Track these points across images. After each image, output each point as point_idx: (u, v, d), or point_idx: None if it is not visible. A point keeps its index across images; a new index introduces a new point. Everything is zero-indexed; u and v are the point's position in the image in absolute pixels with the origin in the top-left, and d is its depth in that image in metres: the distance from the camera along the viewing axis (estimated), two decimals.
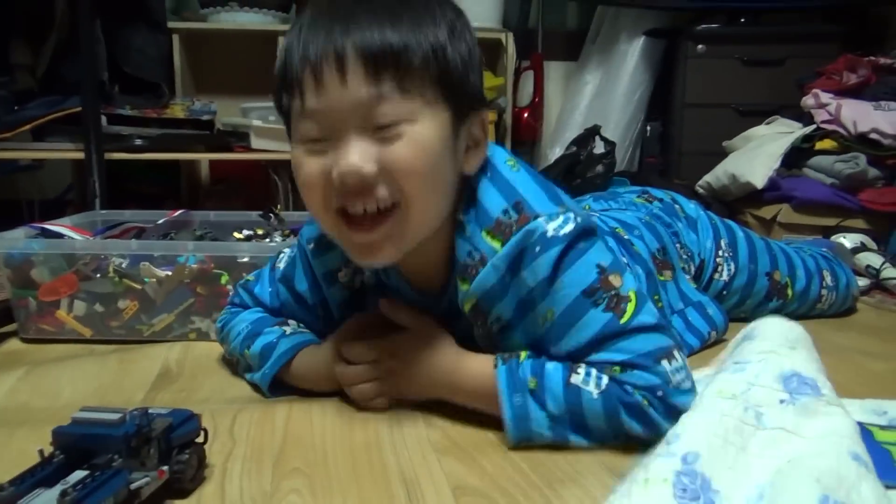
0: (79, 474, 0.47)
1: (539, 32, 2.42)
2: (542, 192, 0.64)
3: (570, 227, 0.61)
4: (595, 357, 0.61)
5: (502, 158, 0.67)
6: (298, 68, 0.58)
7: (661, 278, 0.88)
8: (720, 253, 1.00)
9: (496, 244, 0.62)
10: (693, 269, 0.97)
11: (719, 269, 1.00)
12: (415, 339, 0.68)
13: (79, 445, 0.49)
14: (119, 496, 0.46)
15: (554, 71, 2.50)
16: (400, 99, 0.57)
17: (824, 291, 1.07)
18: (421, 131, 0.58)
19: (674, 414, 0.56)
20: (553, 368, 0.61)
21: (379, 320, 0.70)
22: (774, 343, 0.59)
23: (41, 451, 0.49)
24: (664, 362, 0.59)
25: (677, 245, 0.95)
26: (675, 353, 0.60)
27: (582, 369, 0.60)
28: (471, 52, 0.62)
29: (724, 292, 1.00)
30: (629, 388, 0.59)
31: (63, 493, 0.43)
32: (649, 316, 0.61)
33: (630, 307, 0.61)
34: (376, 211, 0.59)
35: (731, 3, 2.13)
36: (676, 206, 1.02)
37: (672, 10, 2.25)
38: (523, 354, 0.64)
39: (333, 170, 0.58)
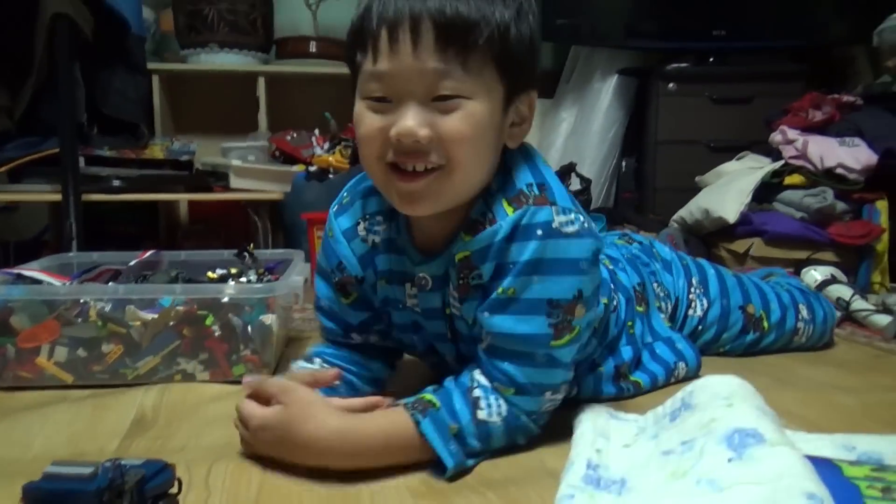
0: None
1: None
2: (566, 192, 0.70)
3: (574, 228, 0.66)
4: (503, 366, 0.67)
5: (539, 156, 0.73)
6: (376, 27, 0.62)
7: (638, 309, 0.92)
8: (692, 290, 1.03)
9: (510, 210, 0.67)
10: (669, 307, 1.01)
11: (692, 304, 1.03)
12: (292, 411, 0.65)
13: (50, 502, 0.49)
14: None
15: None
16: (462, 74, 0.62)
17: (801, 324, 1.09)
18: (475, 107, 0.63)
19: (543, 426, 0.71)
20: (459, 406, 0.66)
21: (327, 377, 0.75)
22: (712, 409, 0.62)
23: None
24: (548, 393, 0.69)
25: (654, 284, 0.99)
26: (562, 388, 0.71)
27: (482, 399, 0.67)
28: (532, 34, 0.66)
29: (700, 327, 1.04)
30: (518, 411, 0.68)
31: None
32: (569, 354, 0.69)
33: (567, 338, 0.68)
34: (424, 169, 0.64)
35: (699, 43, 2.20)
36: (654, 250, 1.06)
37: (643, 51, 2.32)
38: (431, 399, 0.67)
39: (392, 129, 0.63)
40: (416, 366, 0.91)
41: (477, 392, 0.68)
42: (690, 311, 1.03)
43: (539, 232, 0.65)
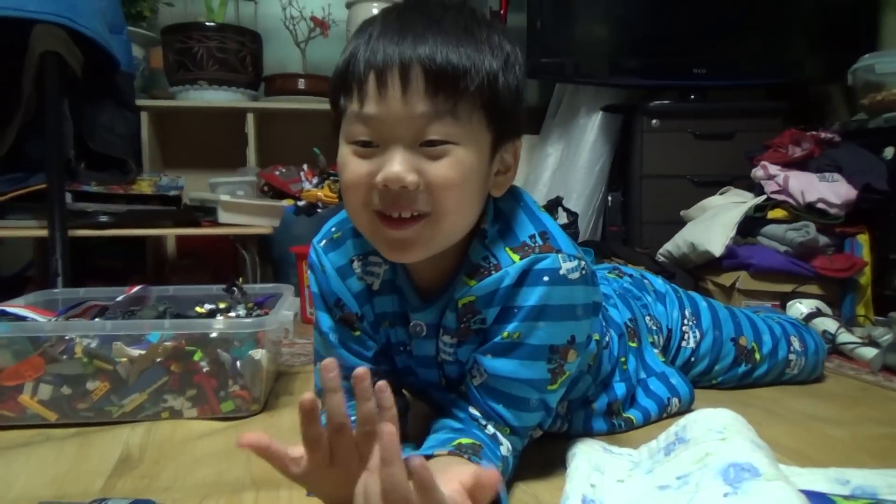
0: None
1: None
2: (566, 238, 0.70)
3: (577, 275, 0.67)
4: (498, 408, 0.68)
5: (531, 199, 0.74)
6: (363, 71, 0.62)
7: (631, 344, 0.92)
8: (685, 322, 1.04)
9: (515, 258, 0.67)
10: (662, 339, 1.01)
11: (685, 336, 1.04)
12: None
13: None
14: None
15: None
16: (451, 120, 0.61)
17: (792, 356, 1.10)
18: (464, 153, 0.63)
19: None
20: (492, 447, 0.66)
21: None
22: (706, 444, 0.63)
23: None
24: (532, 432, 0.73)
25: (647, 317, 0.99)
26: (545, 425, 0.77)
27: (498, 436, 0.68)
28: (518, 85, 0.67)
29: (693, 359, 1.04)
30: (514, 450, 0.70)
31: None
32: (557, 398, 0.72)
33: (559, 381, 0.70)
34: (410, 216, 0.63)
35: (680, 80, 2.25)
36: (645, 281, 1.07)
37: (626, 88, 2.37)
38: (471, 441, 0.64)
39: (379, 175, 0.61)
40: None
41: (490, 429, 0.68)
42: (683, 343, 1.03)
43: (546, 278, 0.66)
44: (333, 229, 0.78)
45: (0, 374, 0.90)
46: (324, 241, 0.78)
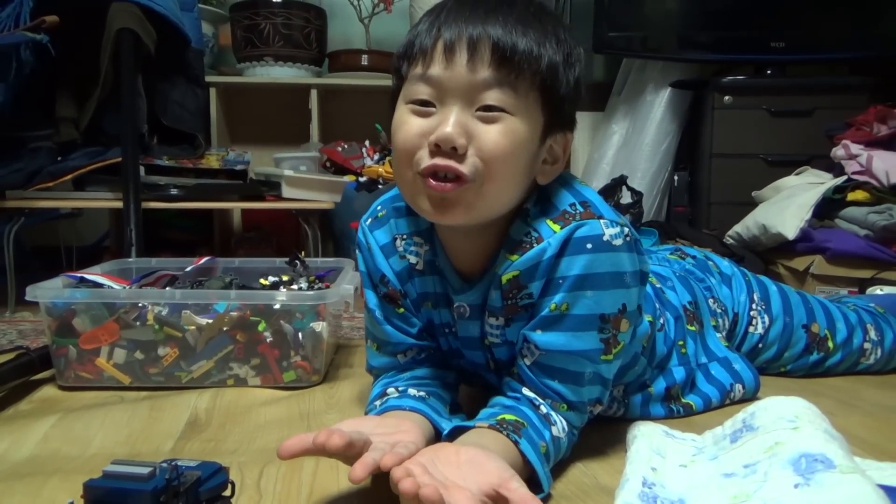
0: None
1: None
2: (608, 207, 0.70)
3: (621, 241, 0.66)
4: (553, 384, 0.67)
5: (573, 177, 0.74)
6: (431, 42, 0.64)
7: (690, 328, 0.89)
8: (753, 306, 1.00)
9: (556, 228, 0.67)
10: (727, 323, 0.97)
11: (753, 322, 1.00)
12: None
13: (109, 500, 0.50)
14: None
15: (581, 121, 2.48)
16: (510, 90, 0.63)
17: (868, 345, 1.04)
18: (516, 123, 0.64)
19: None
20: (541, 425, 0.65)
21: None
22: (776, 432, 0.60)
23: None
24: (593, 406, 0.71)
25: (710, 300, 0.96)
26: (604, 400, 0.72)
27: (551, 415, 0.67)
28: (577, 82, 0.68)
29: (760, 345, 1.00)
30: (572, 427, 0.69)
31: None
32: (613, 369, 0.70)
33: (615, 351, 0.68)
34: (455, 178, 0.63)
35: (756, 55, 2.14)
36: (710, 263, 1.03)
37: (697, 63, 2.27)
38: (515, 417, 0.64)
39: (433, 135, 0.63)
40: None
41: (543, 409, 0.67)
42: (751, 328, 0.99)
43: (589, 245, 0.65)
44: (379, 207, 0.79)
45: (79, 338, 0.95)
46: (370, 220, 0.79)
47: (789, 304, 1.01)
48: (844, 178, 1.68)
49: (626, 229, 0.67)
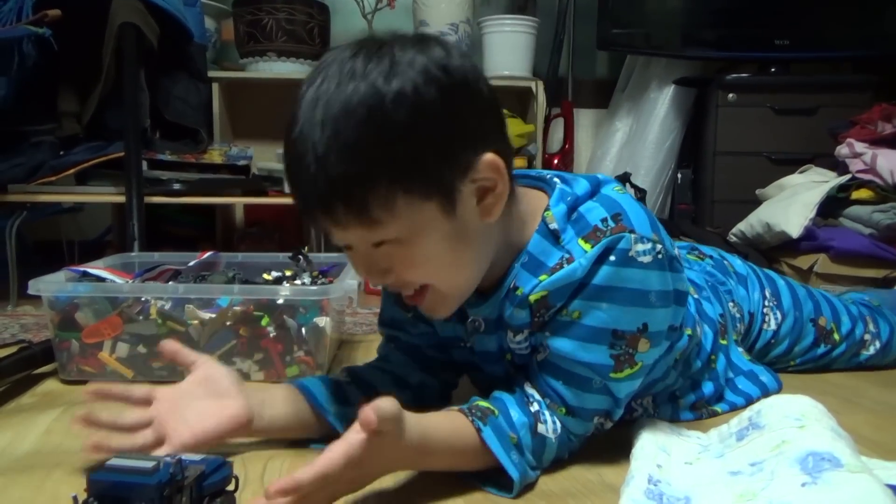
0: None
1: (569, 81, 2.45)
2: (644, 215, 0.66)
3: (649, 258, 0.63)
4: (556, 385, 0.66)
5: (610, 185, 0.69)
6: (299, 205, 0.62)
7: (722, 342, 0.88)
8: (766, 303, 0.99)
9: (587, 247, 0.63)
10: (743, 326, 0.97)
11: (766, 318, 0.99)
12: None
13: (112, 493, 0.49)
14: None
15: (584, 118, 2.53)
16: (379, 227, 0.58)
17: (867, 336, 1.05)
18: (411, 246, 0.60)
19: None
20: (517, 416, 0.64)
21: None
22: (782, 431, 0.60)
23: (75, 498, 0.49)
24: (597, 418, 0.67)
25: (730, 304, 0.94)
26: (613, 415, 0.68)
27: (541, 413, 0.65)
28: (443, 128, 0.58)
29: (773, 341, 1.00)
30: (569, 433, 0.66)
31: None
32: (626, 389, 0.66)
33: (627, 372, 0.65)
34: (414, 292, 0.64)
35: (760, 52, 2.14)
36: (726, 263, 1.01)
37: (701, 60, 2.27)
38: (488, 405, 0.64)
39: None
40: None
41: (535, 406, 0.66)
42: (765, 326, 0.99)
43: (612, 258, 0.62)
44: None
45: (82, 332, 0.95)
46: None
47: (797, 298, 1.01)
48: (849, 176, 1.68)
49: (660, 246, 0.64)
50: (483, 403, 0.65)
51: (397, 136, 0.56)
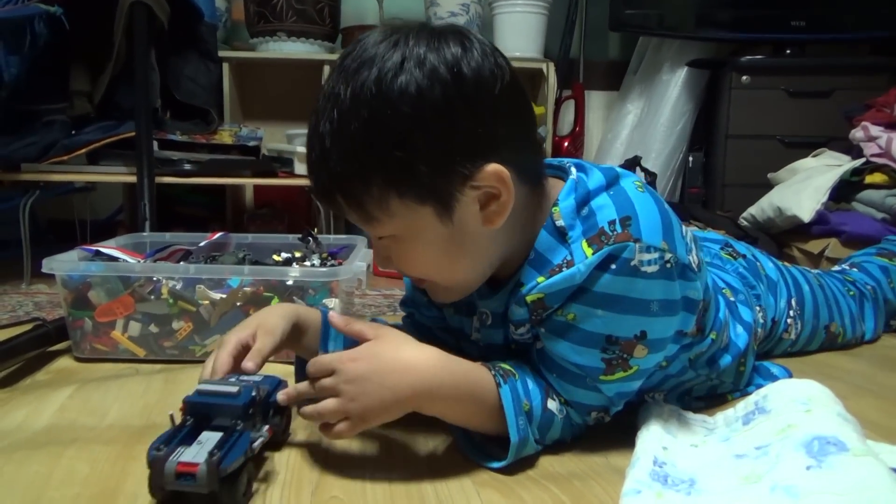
0: (208, 435, 0.56)
1: (580, 62, 2.43)
2: (659, 220, 0.63)
3: (654, 267, 0.61)
4: (550, 378, 0.66)
5: (631, 180, 0.67)
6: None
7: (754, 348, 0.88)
8: (790, 313, 0.99)
9: (589, 252, 0.61)
10: (764, 333, 0.96)
11: (789, 329, 0.99)
12: (387, 339, 0.62)
13: (205, 412, 0.59)
14: (247, 453, 0.56)
15: (595, 100, 2.51)
16: (377, 223, 0.61)
17: (859, 334, 1.11)
18: (408, 244, 0.63)
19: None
20: (533, 387, 0.65)
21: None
22: (789, 415, 0.60)
23: (172, 417, 0.59)
24: (593, 413, 0.68)
25: (757, 307, 0.92)
26: (609, 411, 0.68)
27: (552, 390, 0.66)
28: (442, 136, 0.57)
29: (788, 349, 1.02)
30: (570, 419, 0.67)
31: (210, 454, 0.52)
32: (616, 389, 0.66)
33: (619, 375, 0.65)
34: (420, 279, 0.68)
35: (775, 34, 2.11)
36: (758, 265, 0.99)
37: (715, 42, 2.24)
38: (511, 369, 0.65)
39: None
40: None
41: (545, 384, 0.67)
42: (785, 335, 0.99)
43: (613, 266, 0.60)
44: None
45: (95, 311, 0.96)
46: None
47: (818, 304, 1.02)
48: (863, 160, 1.66)
49: (669, 255, 0.62)
50: (506, 366, 0.66)
51: (393, 141, 0.56)
